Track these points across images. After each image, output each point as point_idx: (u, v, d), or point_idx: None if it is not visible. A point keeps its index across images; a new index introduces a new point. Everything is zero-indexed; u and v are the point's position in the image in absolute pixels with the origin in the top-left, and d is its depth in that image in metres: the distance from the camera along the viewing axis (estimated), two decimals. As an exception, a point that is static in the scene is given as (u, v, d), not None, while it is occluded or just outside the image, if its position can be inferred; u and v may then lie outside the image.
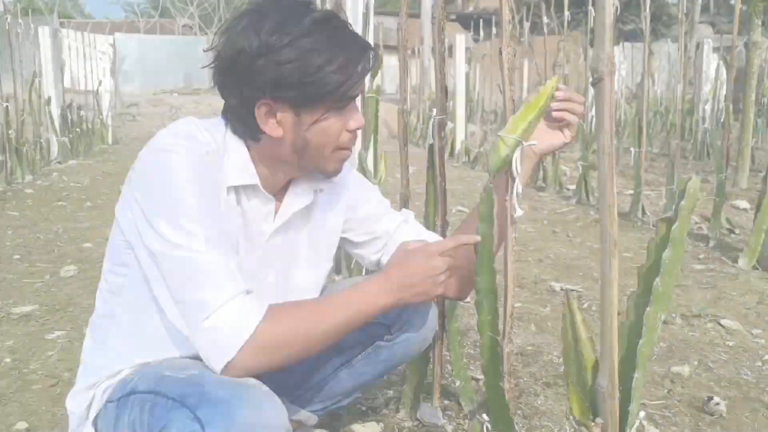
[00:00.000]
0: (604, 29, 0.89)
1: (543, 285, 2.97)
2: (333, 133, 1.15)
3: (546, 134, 1.23)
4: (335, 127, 1.14)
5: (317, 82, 1.08)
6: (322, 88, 1.09)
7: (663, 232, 1.04)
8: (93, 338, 1.23)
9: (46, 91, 7.05)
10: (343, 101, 1.13)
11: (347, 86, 1.11)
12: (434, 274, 1.19)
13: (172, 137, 1.10)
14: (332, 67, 1.08)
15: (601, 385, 1.02)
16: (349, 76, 1.10)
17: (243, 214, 1.19)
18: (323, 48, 1.08)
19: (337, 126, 1.15)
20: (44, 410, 1.80)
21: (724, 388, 1.96)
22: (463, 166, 7.28)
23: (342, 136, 1.16)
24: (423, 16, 15.93)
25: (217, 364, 1.01)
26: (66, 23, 19.49)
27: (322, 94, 1.10)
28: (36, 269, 3.17)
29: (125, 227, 1.12)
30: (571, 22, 6.53)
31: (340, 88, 1.10)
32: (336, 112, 1.13)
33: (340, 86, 1.10)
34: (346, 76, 1.09)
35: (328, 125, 1.14)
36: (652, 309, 1.03)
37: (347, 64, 1.09)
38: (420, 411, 1.72)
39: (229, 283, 1.02)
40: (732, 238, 3.79)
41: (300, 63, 1.07)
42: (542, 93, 1.18)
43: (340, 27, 1.12)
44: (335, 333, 1.10)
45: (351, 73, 1.10)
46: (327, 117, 1.13)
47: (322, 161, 1.18)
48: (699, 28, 20.03)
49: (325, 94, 1.10)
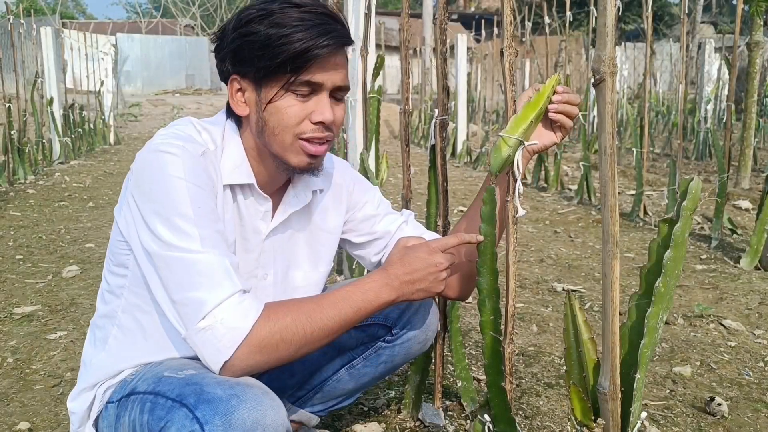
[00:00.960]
0: (606, 30, 0.89)
1: (545, 285, 2.97)
2: (290, 117, 1.11)
3: (539, 133, 1.23)
4: (293, 111, 1.11)
5: (270, 54, 1.08)
6: (273, 60, 1.08)
7: (665, 232, 1.04)
8: (94, 339, 1.24)
9: (48, 92, 7.07)
10: (299, 84, 1.10)
11: (299, 62, 1.08)
12: (436, 271, 1.18)
13: (168, 138, 1.10)
14: (287, 40, 1.07)
15: (602, 385, 1.02)
16: (301, 52, 1.07)
17: (239, 213, 1.19)
18: (286, 23, 1.07)
19: (296, 111, 1.11)
20: (46, 410, 1.80)
21: (726, 389, 1.96)
22: (465, 166, 7.28)
23: (303, 125, 1.12)
24: (425, 16, 15.93)
25: (215, 364, 1.01)
26: (68, 24, 19.56)
27: (275, 68, 1.09)
28: (38, 269, 3.18)
29: (123, 228, 1.13)
30: (572, 22, 6.54)
31: (292, 62, 1.07)
32: (296, 96, 1.11)
33: (291, 60, 1.07)
34: (298, 51, 1.07)
35: (283, 106, 1.11)
36: (654, 309, 1.03)
37: (302, 40, 1.07)
38: (422, 411, 1.72)
39: (226, 282, 1.02)
40: (734, 238, 3.79)
41: (260, 35, 1.08)
42: (542, 91, 1.18)
43: (314, 12, 1.10)
44: (334, 330, 1.10)
45: (304, 48, 1.07)
46: (283, 96, 1.11)
47: (282, 149, 1.15)
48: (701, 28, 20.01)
49: (278, 68, 1.08)
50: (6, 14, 6.73)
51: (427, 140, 1.65)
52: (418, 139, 9.47)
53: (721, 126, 7.69)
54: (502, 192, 1.19)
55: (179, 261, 1.02)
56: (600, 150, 0.94)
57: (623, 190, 5.37)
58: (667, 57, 13.85)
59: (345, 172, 1.38)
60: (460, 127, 7.82)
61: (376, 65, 2.85)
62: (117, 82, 12.41)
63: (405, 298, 1.18)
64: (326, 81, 1.12)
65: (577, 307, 1.15)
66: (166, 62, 22.18)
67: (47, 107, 6.91)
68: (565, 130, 1.23)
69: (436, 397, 1.73)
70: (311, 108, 1.12)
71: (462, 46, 7.91)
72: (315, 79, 1.11)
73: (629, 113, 7.26)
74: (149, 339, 1.17)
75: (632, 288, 2.76)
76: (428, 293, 1.20)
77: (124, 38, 20.66)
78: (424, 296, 1.20)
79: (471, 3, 31.88)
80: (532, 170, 5.89)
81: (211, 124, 1.19)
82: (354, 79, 3.15)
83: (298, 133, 1.13)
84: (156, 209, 1.05)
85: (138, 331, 1.17)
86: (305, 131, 1.13)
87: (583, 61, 11.92)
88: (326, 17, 1.11)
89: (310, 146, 1.14)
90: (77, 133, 7.82)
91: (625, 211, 4.49)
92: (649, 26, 4.57)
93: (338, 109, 1.16)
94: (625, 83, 11.29)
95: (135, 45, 21.39)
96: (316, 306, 1.09)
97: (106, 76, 10.63)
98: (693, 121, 8.10)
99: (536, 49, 9.47)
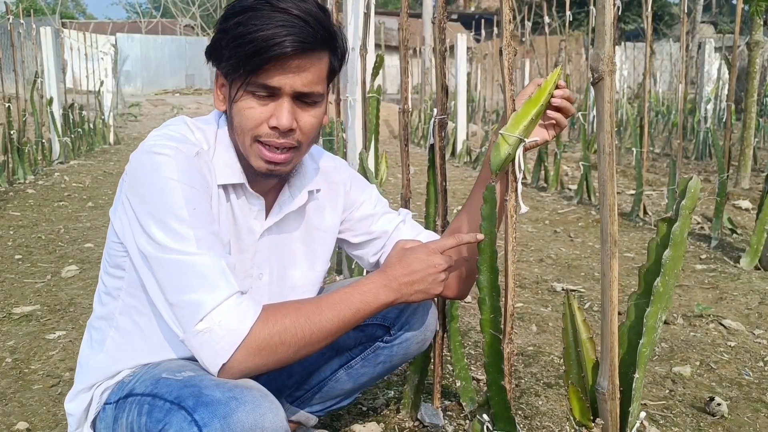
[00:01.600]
0: (605, 29, 0.89)
1: (544, 285, 2.97)
2: (247, 119, 1.09)
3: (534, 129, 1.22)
4: (252, 113, 1.09)
5: (232, 52, 1.06)
6: (232, 59, 1.06)
7: (664, 231, 1.04)
8: (91, 340, 1.23)
9: (48, 92, 7.07)
10: (257, 86, 1.07)
11: (254, 63, 1.05)
12: (435, 272, 1.17)
13: (162, 139, 1.10)
14: (249, 37, 1.04)
15: (601, 385, 1.02)
16: (256, 51, 1.04)
17: (233, 213, 1.19)
18: (256, 23, 1.05)
19: (255, 114, 1.09)
20: (45, 410, 1.80)
21: (726, 389, 1.96)
22: (465, 166, 7.27)
23: (260, 128, 1.10)
24: (425, 16, 15.93)
25: (213, 366, 1.01)
26: (68, 24, 19.56)
27: (234, 66, 1.07)
28: (37, 269, 3.17)
29: (119, 230, 1.12)
30: (572, 22, 6.54)
31: (248, 61, 1.05)
32: (254, 97, 1.08)
33: (247, 59, 1.05)
34: (254, 50, 1.04)
35: (243, 107, 1.09)
36: (653, 309, 1.02)
37: (261, 39, 1.04)
38: (421, 411, 1.72)
39: (223, 283, 1.02)
40: (734, 238, 3.78)
41: (229, 32, 1.07)
42: (544, 87, 1.16)
43: (289, 13, 1.05)
44: (333, 332, 1.09)
45: (260, 48, 1.04)
46: (242, 96, 1.09)
47: (244, 150, 1.13)
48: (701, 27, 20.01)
49: (238, 66, 1.06)
50: (6, 14, 6.72)
51: (426, 140, 1.64)
52: (417, 139, 9.47)
53: (721, 126, 7.69)
54: (502, 187, 1.19)
55: (175, 263, 1.02)
56: (599, 149, 0.94)
57: (623, 190, 5.36)
58: (667, 57, 13.85)
59: (342, 171, 1.37)
60: (460, 127, 7.81)
61: (376, 65, 2.85)
62: (117, 82, 12.41)
63: (404, 300, 1.17)
64: (284, 85, 1.08)
65: (576, 306, 1.15)
66: (166, 62, 22.18)
67: (47, 107, 6.90)
68: (558, 128, 1.23)
69: (435, 396, 1.73)
70: (270, 112, 1.10)
71: (462, 46, 7.91)
72: (272, 82, 1.07)
73: (629, 113, 7.25)
74: (147, 340, 1.16)
75: (632, 288, 2.76)
76: (427, 294, 1.19)
77: (123, 38, 20.66)
78: (423, 297, 1.20)
79: (471, 3, 31.88)
80: (531, 170, 5.88)
81: (205, 123, 1.18)
82: (353, 78, 3.14)
83: (255, 135, 1.11)
84: (151, 211, 1.04)
85: (136, 332, 1.17)
86: (261, 134, 1.11)
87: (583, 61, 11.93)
88: (300, 19, 1.06)
89: (266, 151, 1.11)
90: (77, 133, 7.82)
91: (625, 210, 4.49)
92: (649, 26, 4.56)
93: (305, 116, 1.12)
94: (625, 83, 11.29)
95: (135, 45, 21.40)
96: (315, 308, 1.09)
97: (106, 76, 10.63)
98: (693, 120, 8.09)
99: (536, 49, 9.47)
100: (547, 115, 1.20)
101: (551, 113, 1.19)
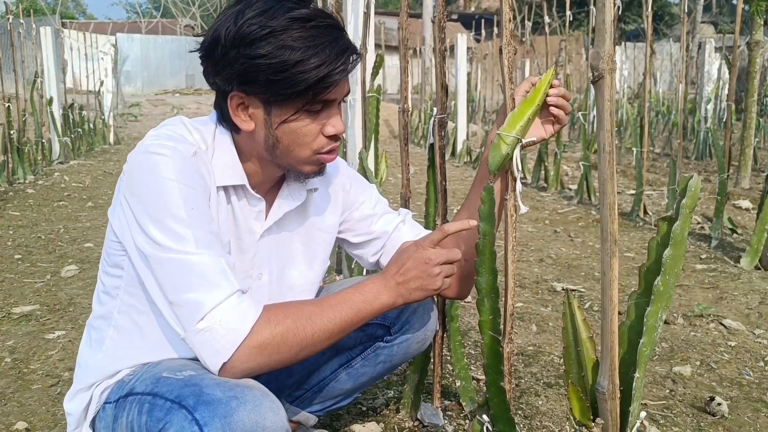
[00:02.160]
0: (605, 27, 0.89)
1: (544, 285, 2.96)
2: (305, 135, 1.11)
3: (531, 128, 1.21)
4: (308, 129, 1.10)
5: (287, 80, 1.04)
6: (291, 88, 1.05)
7: (664, 230, 1.03)
8: (90, 340, 1.23)
9: (48, 92, 7.07)
10: (315, 104, 1.08)
11: (319, 89, 1.06)
12: (427, 267, 1.16)
13: (159, 139, 1.09)
14: (304, 67, 1.03)
15: (601, 385, 1.02)
16: (321, 79, 1.05)
17: (233, 214, 1.19)
18: (298, 46, 1.03)
19: (311, 129, 1.10)
20: (44, 410, 1.79)
21: (726, 389, 1.96)
22: (465, 165, 7.27)
23: (318, 141, 1.12)
24: (425, 16, 15.93)
25: (214, 365, 1.01)
26: (68, 24, 19.56)
27: (292, 94, 1.05)
28: (37, 269, 3.17)
29: (117, 229, 1.12)
30: (572, 22, 6.54)
31: (312, 89, 1.05)
32: (309, 114, 1.09)
33: (311, 88, 1.05)
34: (318, 78, 1.04)
35: (298, 126, 1.10)
36: (653, 308, 1.02)
37: (321, 65, 1.04)
38: (420, 411, 1.72)
39: (223, 283, 1.02)
40: (734, 238, 3.78)
41: (271, 59, 1.03)
42: (539, 87, 1.17)
43: (321, 26, 1.06)
44: (334, 333, 1.09)
45: (324, 75, 1.04)
46: (298, 118, 1.09)
47: (297, 162, 1.15)
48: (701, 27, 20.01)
49: (296, 95, 1.06)
50: (6, 14, 6.72)
51: (426, 140, 1.64)
52: (417, 139, 9.47)
53: (721, 125, 7.69)
54: (501, 186, 1.19)
55: (174, 262, 1.02)
56: (599, 148, 0.94)
57: (623, 190, 5.36)
58: (667, 57, 13.84)
59: (342, 171, 1.37)
60: (460, 127, 7.81)
61: (376, 64, 2.84)
62: (117, 82, 12.41)
63: (405, 299, 1.17)
64: (338, 96, 1.12)
65: (576, 306, 1.15)
66: (166, 62, 22.18)
67: (47, 107, 6.90)
68: (558, 125, 1.23)
69: (435, 396, 1.73)
70: (322, 121, 1.12)
71: (462, 46, 7.91)
72: (330, 97, 1.10)
73: (629, 113, 7.25)
74: (147, 339, 1.16)
75: (632, 287, 2.75)
76: (426, 291, 1.18)
77: (124, 38, 20.67)
78: (423, 295, 1.19)
79: (471, 3, 31.89)
80: (531, 170, 5.88)
81: (203, 123, 1.18)
82: (353, 78, 3.14)
83: (315, 149, 1.13)
84: (149, 211, 1.04)
85: (135, 331, 1.17)
86: (323, 146, 1.13)
87: (583, 61, 11.93)
88: (333, 29, 1.08)
89: (326, 158, 1.16)
90: (77, 132, 7.82)
91: (625, 210, 4.49)
92: (649, 26, 4.56)
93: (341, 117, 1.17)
94: (625, 83, 11.29)
95: (135, 45, 21.40)
96: (317, 308, 1.09)
97: (106, 76, 10.63)
98: (693, 120, 8.10)
99: (536, 49, 9.47)
100: (546, 112, 1.20)
101: (554, 110, 1.20)
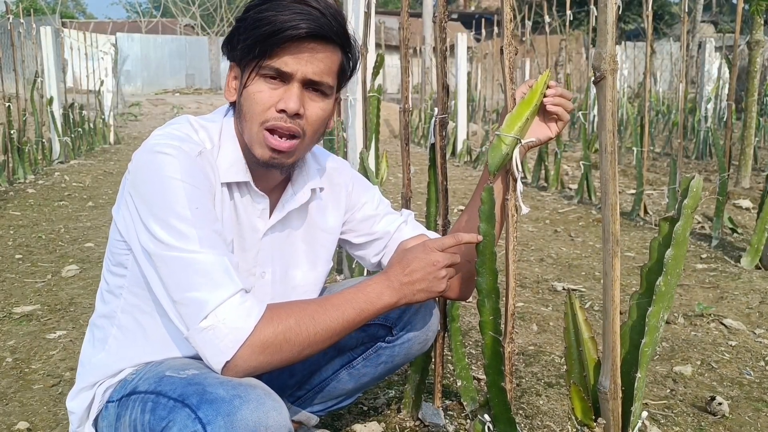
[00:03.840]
0: (607, 27, 0.89)
1: (545, 285, 2.96)
2: (257, 103, 1.11)
3: (534, 128, 1.22)
4: (262, 96, 1.10)
5: (247, 36, 1.09)
6: (246, 42, 1.09)
7: (665, 231, 1.04)
8: (93, 339, 1.23)
9: (48, 91, 7.07)
10: (267, 64, 1.09)
11: (267, 44, 1.07)
12: (435, 269, 1.16)
13: (165, 138, 1.10)
14: (263, 22, 1.07)
15: (603, 384, 1.02)
16: (272, 33, 1.07)
17: (236, 211, 1.19)
18: (271, 9, 1.08)
19: (265, 97, 1.10)
20: (45, 410, 1.80)
21: (727, 388, 1.96)
22: (465, 165, 7.27)
23: (268, 112, 1.11)
24: (425, 16, 15.92)
25: (216, 364, 1.01)
26: (68, 23, 19.55)
27: (248, 50, 1.10)
28: (37, 269, 3.17)
29: (122, 228, 1.13)
30: (573, 21, 6.54)
31: (261, 44, 1.08)
32: (264, 79, 1.10)
33: (262, 41, 1.08)
34: (269, 32, 1.07)
35: (254, 90, 1.11)
36: (655, 308, 1.02)
37: (276, 21, 1.06)
38: (421, 411, 1.72)
39: (227, 281, 1.02)
40: (734, 237, 3.78)
41: (247, 21, 1.10)
42: (535, 88, 1.18)
43: (305, 2, 1.09)
44: (337, 333, 1.09)
45: (276, 30, 1.06)
46: (255, 81, 1.11)
47: (250, 139, 1.14)
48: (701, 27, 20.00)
49: (250, 50, 1.09)
50: (6, 14, 6.72)
51: (427, 139, 1.64)
52: (418, 139, 9.47)
53: (721, 125, 7.69)
54: (501, 189, 1.19)
55: (178, 261, 1.02)
56: (600, 148, 0.94)
57: (623, 190, 5.36)
58: (667, 56, 13.84)
59: (344, 172, 1.37)
60: (461, 127, 7.81)
61: (376, 64, 2.84)
62: (117, 81, 12.40)
63: (407, 300, 1.17)
64: (296, 71, 1.09)
65: (578, 306, 1.15)
66: (166, 62, 22.17)
67: (47, 107, 6.90)
68: (561, 123, 1.23)
69: (436, 396, 1.73)
70: (279, 96, 1.11)
71: (462, 46, 7.91)
72: (284, 67, 1.09)
73: (629, 112, 7.25)
74: (149, 338, 1.16)
75: (633, 287, 2.76)
76: (430, 293, 1.18)
77: (124, 38, 20.66)
78: (426, 296, 1.19)
79: (471, 2, 31.88)
80: (532, 169, 5.88)
81: (209, 121, 1.18)
82: (354, 78, 3.14)
83: (262, 121, 1.11)
84: (153, 211, 1.04)
85: (138, 330, 1.17)
86: (268, 118, 1.11)
87: (584, 61, 11.93)
88: (317, 10, 1.09)
89: (271, 138, 1.11)
90: (77, 132, 7.82)
91: (626, 210, 4.49)
92: (650, 25, 4.56)
93: (313, 105, 1.13)
94: (626, 82, 11.29)
95: (135, 45, 21.39)
96: (320, 307, 1.09)
97: (106, 75, 10.62)
98: (693, 120, 8.10)
99: (536, 49, 9.47)
100: (547, 111, 1.20)
101: (551, 108, 1.20)
